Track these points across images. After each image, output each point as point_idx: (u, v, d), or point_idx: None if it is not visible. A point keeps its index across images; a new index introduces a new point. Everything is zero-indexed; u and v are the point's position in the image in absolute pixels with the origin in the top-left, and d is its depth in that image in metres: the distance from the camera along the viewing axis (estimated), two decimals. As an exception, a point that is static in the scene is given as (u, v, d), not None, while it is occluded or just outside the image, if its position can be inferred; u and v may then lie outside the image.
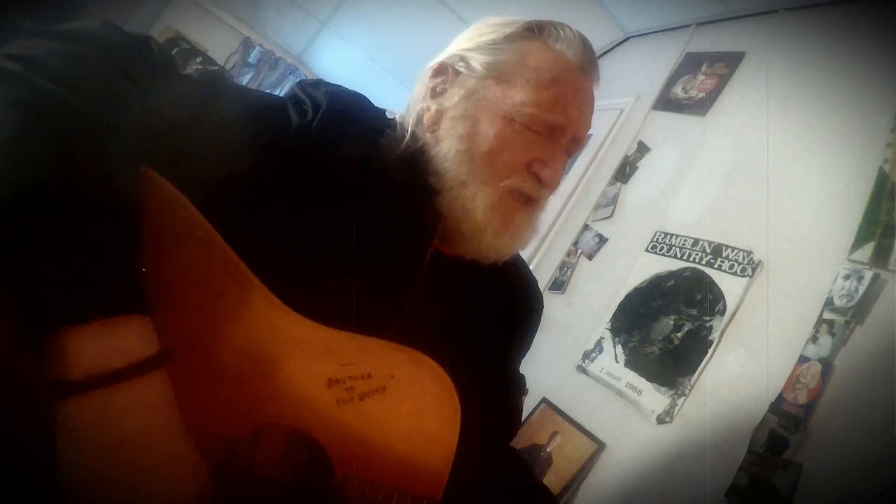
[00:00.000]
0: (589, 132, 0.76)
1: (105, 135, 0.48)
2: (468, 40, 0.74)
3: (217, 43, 3.42)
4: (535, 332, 0.89)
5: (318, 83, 0.73)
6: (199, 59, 3.28)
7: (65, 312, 0.42)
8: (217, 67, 3.32)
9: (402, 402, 0.58)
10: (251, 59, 3.51)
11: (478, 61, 0.71)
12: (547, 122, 0.69)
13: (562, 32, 0.72)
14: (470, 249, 0.72)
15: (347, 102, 0.73)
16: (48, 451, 0.42)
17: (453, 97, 0.72)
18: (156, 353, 0.46)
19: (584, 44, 0.73)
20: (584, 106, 0.72)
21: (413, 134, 0.73)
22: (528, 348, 0.88)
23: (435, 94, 0.74)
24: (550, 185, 0.71)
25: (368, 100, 0.77)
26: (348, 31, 3.37)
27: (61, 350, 0.42)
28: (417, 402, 0.58)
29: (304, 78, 3.65)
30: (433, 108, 0.73)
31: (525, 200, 0.71)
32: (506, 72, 0.70)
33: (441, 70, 0.74)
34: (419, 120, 0.74)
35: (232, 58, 3.47)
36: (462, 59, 0.73)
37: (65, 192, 0.43)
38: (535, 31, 0.72)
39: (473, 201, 0.69)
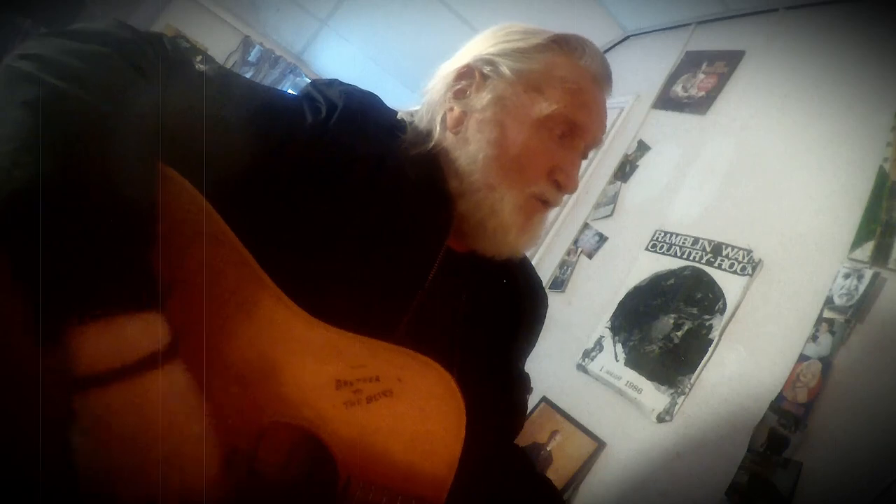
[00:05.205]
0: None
1: (118, 132, 0.48)
2: (492, 45, 0.75)
3: (217, 42, 3.42)
4: (540, 330, 0.90)
5: (332, 83, 0.74)
6: (199, 58, 3.28)
7: (79, 309, 0.43)
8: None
9: (409, 406, 0.58)
10: (251, 58, 3.51)
11: (507, 67, 0.73)
12: (572, 121, 0.72)
13: (586, 49, 0.76)
14: (489, 246, 0.74)
15: (363, 102, 0.74)
16: (64, 443, 0.42)
17: (481, 100, 0.73)
18: (168, 345, 0.46)
19: (604, 60, 0.77)
20: (603, 115, 0.77)
21: (433, 134, 0.75)
22: (533, 346, 0.89)
23: (460, 95, 0.75)
24: (569, 191, 0.75)
25: (381, 99, 0.77)
26: (348, 30, 3.37)
27: (77, 345, 0.42)
28: (423, 406, 0.58)
29: (303, 76, 3.65)
30: (457, 109, 0.74)
31: (544, 203, 0.75)
32: (535, 80, 0.72)
33: (467, 72, 0.75)
34: (441, 120, 0.75)
35: (232, 56, 3.47)
36: (490, 63, 0.74)
37: (79, 190, 0.44)
38: (561, 44, 0.75)
39: (501, 203, 0.71)
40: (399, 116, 0.78)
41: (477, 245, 0.75)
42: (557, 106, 0.71)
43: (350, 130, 0.68)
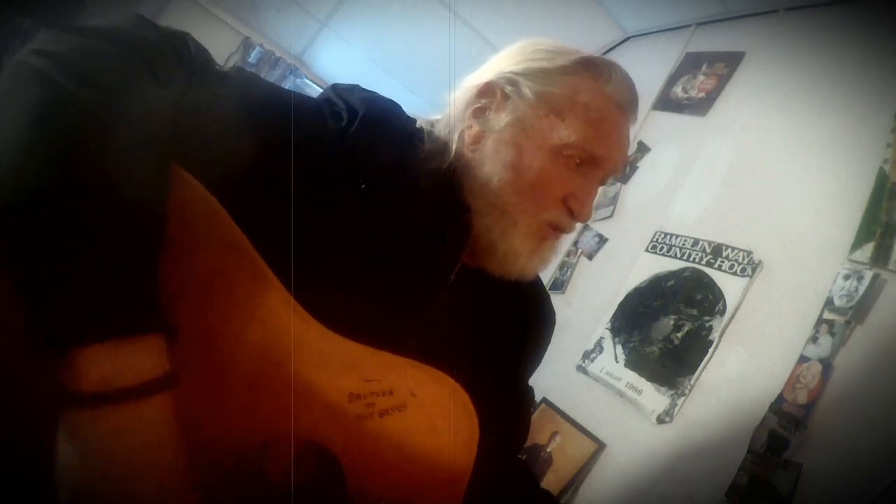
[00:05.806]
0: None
1: (129, 135, 0.47)
2: (515, 63, 0.74)
3: (217, 43, 3.41)
4: (548, 346, 0.89)
5: (353, 88, 0.73)
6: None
7: (80, 331, 0.41)
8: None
9: (422, 421, 0.57)
10: (251, 59, 3.51)
11: (528, 88, 0.71)
12: (590, 153, 0.71)
13: (613, 75, 0.73)
14: (498, 267, 0.73)
15: (384, 109, 0.73)
16: (47, 455, 0.42)
17: (500, 120, 0.72)
18: (165, 374, 0.44)
19: (631, 86, 0.75)
20: (624, 144, 0.75)
21: (450, 148, 0.73)
22: (540, 362, 0.89)
23: (479, 114, 0.73)
24: (581, 220, 0.74)
25: (401, 107, 0.76)
26: (348, 31, 3.37)
27: (73, 362, 0.41)
28: (436, 421, 0.58)
29: (303, 77, 3.65)
30: (476, 127, 0.73)
31: (556, 230, 0.74)
32: (556, 105, 0.70)
33: (488, 90, 0.74)
34: (459, 136, 0.74)
35: (232, 58, 3.47)
36: (511, 82, 0.72)
37: (85, 196, 0.43)
38: (588, 67, 0.72)
39: (513, 228, 0.71)
40: (418, 125, 0.77)
41: (486, 265, 0.74)
42: (577, 137, 0.70)
43: (370, 137, 0.67)
